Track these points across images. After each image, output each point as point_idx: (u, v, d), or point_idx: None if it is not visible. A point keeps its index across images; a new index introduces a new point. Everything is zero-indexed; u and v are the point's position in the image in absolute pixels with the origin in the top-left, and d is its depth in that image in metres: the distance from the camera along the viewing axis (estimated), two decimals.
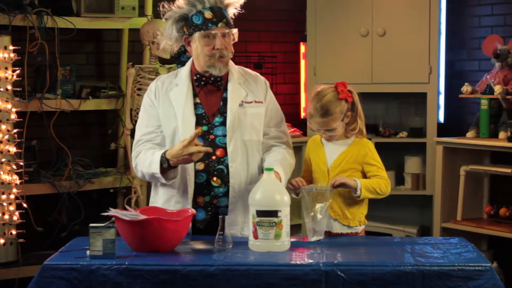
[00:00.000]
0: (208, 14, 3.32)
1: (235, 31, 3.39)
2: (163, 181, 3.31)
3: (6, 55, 4.45)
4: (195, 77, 3.42)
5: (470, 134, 5.36)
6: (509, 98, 5.19)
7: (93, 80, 5.15)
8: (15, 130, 4.49)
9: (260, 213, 3.02)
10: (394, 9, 5.71)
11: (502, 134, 5.18)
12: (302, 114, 6.05)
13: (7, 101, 4.45)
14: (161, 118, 3.42)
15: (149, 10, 5.08)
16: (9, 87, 4.46)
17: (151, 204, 3.47)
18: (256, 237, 3.04)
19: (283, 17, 6.05)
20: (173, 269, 2.81)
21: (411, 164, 5.79)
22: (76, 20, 4.75)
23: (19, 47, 4.51)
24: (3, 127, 4.44)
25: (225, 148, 3.35)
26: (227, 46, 3.35)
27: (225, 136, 3.36)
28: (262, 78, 3.56)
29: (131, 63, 4.96)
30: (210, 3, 3.33)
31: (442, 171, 5.39)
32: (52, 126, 4.77)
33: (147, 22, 4.96)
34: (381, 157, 3.45)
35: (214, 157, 3.35)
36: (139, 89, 4.91)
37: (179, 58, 3.58)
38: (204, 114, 3.39)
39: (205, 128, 3.37)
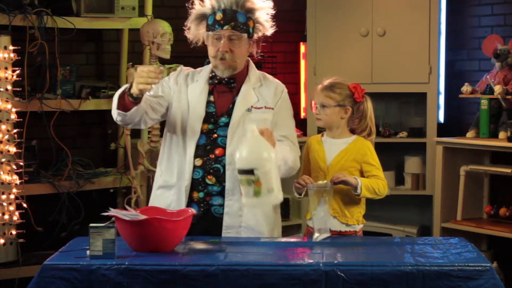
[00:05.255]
0: (218, 16, 3.35)
1: (243, 35, 3.36)
2: (115, 107, 3.30)
3: (6, 55, 4.45)
4: (210, 75, 3.45)
5: (470, 134, 5.36)
6: (509, 98, 5.19)
7: (93, 80, 5.16)
8: (15, 130, 4.49)
9: (240, 172, 3.06)
10: (394, 9, 5.71)
11: (502, 134, 5.18)
12: (302, 114, 6.05)
13: (7, 101, 4.45)
14: (173, 105, 3.44)
15: (149, 10, 5.08)
16: (9, 87, 4.46)
17: (151, 199, 3.51)
18: (241, 194, 3.09)
19: (283, 17, 6.02)
20: (173, 269, 2.81)
21: (411, 164, 5.79)
22: (76, 20, 4.76)
23: (19, 47, 4.51)
24: (3, 127, 4.44)
25: (224, 149, 3.36)
26: (233, 49, 3.35)
27: (225, 136, 3.37)
28: (281, 86, 3.51)
29: (131, 63, 4.95)
30: (224, 4, 3.35)
31: (442, 171, 5.39)
32: (52, 126, 4.77)
33: (147, 22, 4.96)
34: (381, 157, 3.46)
35: (212, 156, 3.36)
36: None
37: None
38: (214, 113, 3.41)
39: (211, 126, 3.39)
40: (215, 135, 3.38)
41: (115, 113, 3.34)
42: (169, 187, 3.43)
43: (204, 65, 3.54)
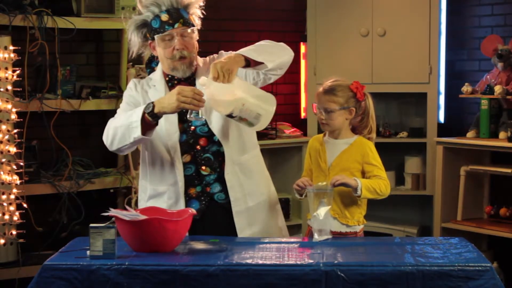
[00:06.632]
0: (164, 17, 3.33)
1: (191, 29, 3.36)
2: (137, 133, 3.18)
3: (6, 55, 4.45)
4: (167, 78, 3.44)
5: (470, 134, 5.37)
6: (509, 98, 5.19)
7: (93, 80, 5.16)
8: (15, 130, 4.49)
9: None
10: (394, 9, 5.71)
11: (502, 134, 5.18)
12: (302, 114, 6.05)
13: (7, 101, 4.45)
14: None
15: None
16: (9, 87, 4.46)
17: (139, 203, 3.50)
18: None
19: (283, 17, 6.05)
20: (173, 269, 2.81)
21: (411, 164, 5.79)
22: (76, 20, 4.76)
23: (19, 47, 4.51)
24: (3, 127, 4.44)
25: (207, 137, 3.37)
26: (187, 45, 3.35)
27: (204, 125, 3.37)
28: (217, 55, 3.49)
29: (131, 63, 4.96)
30: (166, 5, 3.33)
31: (442, 171, 5.40)
32: (52, 126, 4.77)
33: None
34: (381, 157, 3.45)
35: (198, 147, 3.38)
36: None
37: (150, 64, 3.58)
38: (183, 111, 3.32)
39: (185, 125, 3.39)
40: (193, 128, 3.38)
41: (132, 140, 3.21)
42: (161, 194, 3.41)
43: (148, 74, 3.54)
